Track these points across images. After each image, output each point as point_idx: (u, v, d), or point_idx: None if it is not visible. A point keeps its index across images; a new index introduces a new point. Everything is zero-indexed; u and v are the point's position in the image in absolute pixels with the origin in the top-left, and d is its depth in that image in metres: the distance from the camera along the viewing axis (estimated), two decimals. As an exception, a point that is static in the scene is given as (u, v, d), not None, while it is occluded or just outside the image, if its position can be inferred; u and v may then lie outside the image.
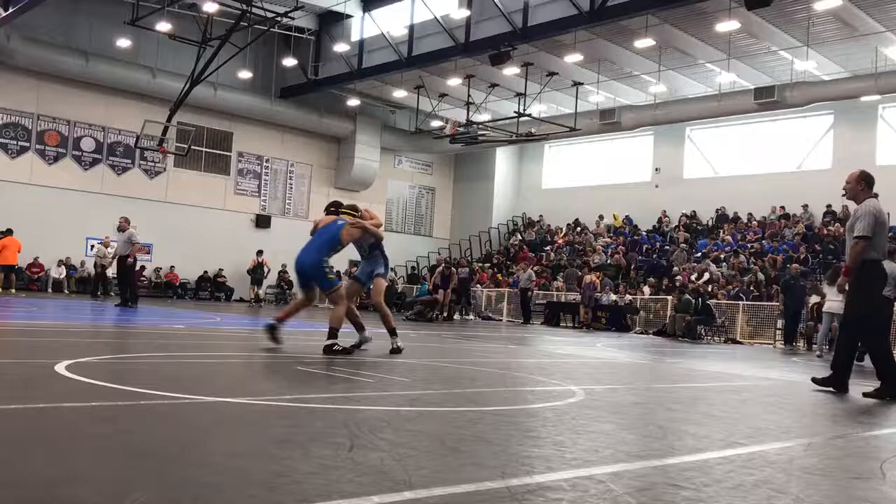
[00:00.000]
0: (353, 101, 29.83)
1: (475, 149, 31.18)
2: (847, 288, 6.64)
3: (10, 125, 24.60)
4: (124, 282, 16.42)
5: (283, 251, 29.03)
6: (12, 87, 24.28)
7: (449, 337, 12.58)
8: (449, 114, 27.71)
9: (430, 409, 4.33)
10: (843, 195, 7.03)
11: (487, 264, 30.55)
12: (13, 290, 20.06)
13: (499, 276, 28.59)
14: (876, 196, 6.75)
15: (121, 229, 16.52)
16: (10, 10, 20.60)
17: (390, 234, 32.70)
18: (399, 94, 28.25)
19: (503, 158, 34.50)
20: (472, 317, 24.18)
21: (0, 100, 24.30)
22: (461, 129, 26.24)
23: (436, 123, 28.09)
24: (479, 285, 27.02)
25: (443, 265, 22.22)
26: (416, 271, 32.28)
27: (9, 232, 20.42)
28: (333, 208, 8.21)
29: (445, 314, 21.38)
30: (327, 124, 30.71)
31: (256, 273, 26.27)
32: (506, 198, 34.75)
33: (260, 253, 26.54)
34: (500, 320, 24.66)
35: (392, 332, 8.00)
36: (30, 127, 24.97)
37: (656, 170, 29.95)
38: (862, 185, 6.72)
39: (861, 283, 6.52)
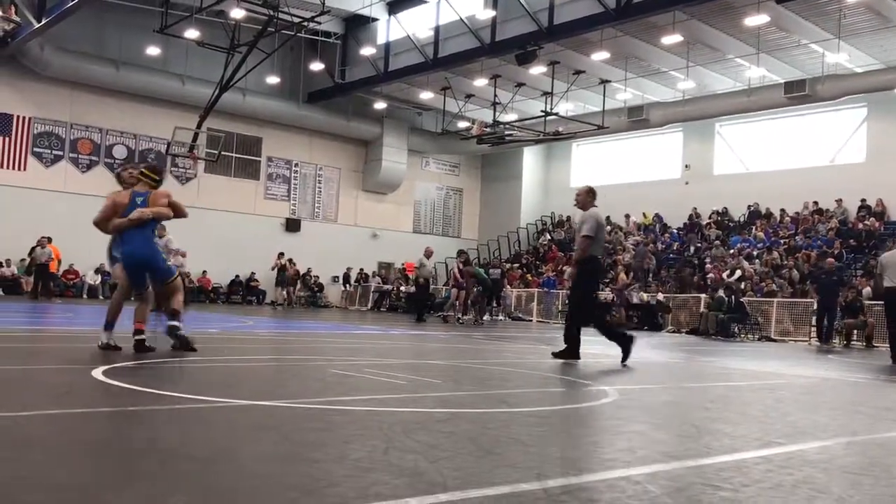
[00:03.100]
0: (380, 104, 29.92)
1: (502, 149, 31.12)
2: (573, 277, 8.32)
3: (45, 134, 25.03)
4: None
5: (313, 254, 29.28)
6: (46, 96, 24.71)
7: (479, 338, 12.57)
8: (475, 114, 27.70)
9: (464, 411, 4.33)
10: (575, 205, 8.49)
11: (516, 264, 30.48)
12: (50, 299, 20.36)
13: (528, 276, 28.51)
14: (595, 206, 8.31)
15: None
16: (44, 21, 20.98)
17: (419, 236, 32.81)
18: (425, 95, 28.31)
19: (531, 158, 34.40)
20: (501, 317, 24.12)
21: (34, 109, 24.74)
22: (488, 130, 26.22)
23: (462, 124, 28.10)
24: (508, 286, 26.96)
25: (456, 262, 20.66)
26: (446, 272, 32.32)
27: (48, 240, 20.75)
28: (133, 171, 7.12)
29: (461, 316, 19.37)
30: (355, 127, 30.86)
31: (281, 275, 26.53)
32: (534, 197, 34.64)
33: (281, 255, 26.79)
34: (531, 320, 24.58)
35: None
36: (63, 136, 25.38)
37: (686, 166, 29.67)
38: (590, 196, 8.35)
39: (582, 273, 8.13)
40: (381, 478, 2.58)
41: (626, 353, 8.00)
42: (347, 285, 30.75)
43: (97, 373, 4.99)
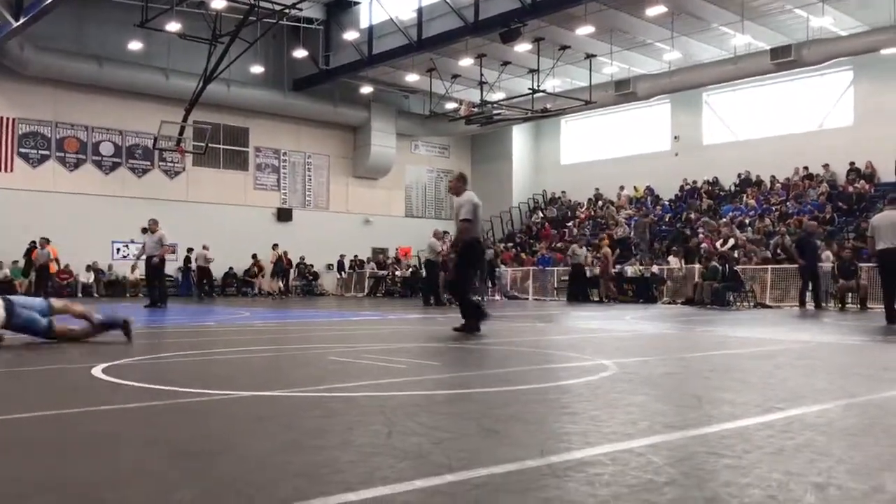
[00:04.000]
0: (366, 89, 29.80)
1: (491, 129, 31.07)
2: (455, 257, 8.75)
3: (30, 134, 24.87)
4: (153, 283, 16.57)
5: (305, 243, 29.25)
6: (29, 96, 24.53)
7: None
8: (462, 95, 27.63)
9: (465, 392, 4.35)
10: (449, 191, 9.43)
11: (511, 244, 30.50)
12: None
13: (522, 254, 28.54)
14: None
15: (151, 231, 16.65)
16: (22, 20, 20.78)
17: (411, 220, 32.82)
18: (411, 78, 28.19)
19: (520, 136, 34.35)
20: (497, 297, 24.17)
21: (19, 110, 24.57)
22: (476, 110, 26.16)
23: (450, 106, 28.03)
24: (503, 265, 26.98)
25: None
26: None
27: (46, 241, 20.69)
28: None
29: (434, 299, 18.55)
30: (342, 114, 30.74)
31: (277, 266, 26.68)
32: (525, 176, 34.63)
33: (276, 247, 26.88)
34: (527, 299, 24.64)
35: None
36: (49, 135, 25.23)
37: (675, 138, 29.69)
38: (461, 182, 8.87)
39: (463, 254, 8.51)
40: (386, 462, 2.59)
41: (470, 327, 8.30)
42: (342, 272, 30.75)
43: (96, 370, 4.99)
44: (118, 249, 26.19)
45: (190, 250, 25.38)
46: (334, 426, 3.29)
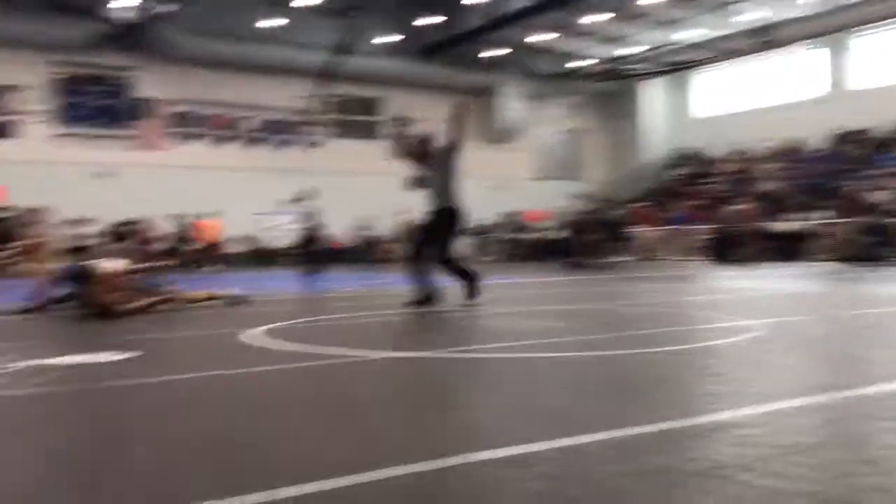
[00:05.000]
0: (495, 52, 29.64)
1: (623, 85, 30.24)
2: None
3: (181, 114, 26.37)
4: (307, 251, 17.28)
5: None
6: (177, 78, 25.94)
7: (611, 280, 12.44)
8: (593, 51, 26.98)
9: (605, 354, 4.34)
10: (413, 157, 8.30)
11: (643, 203, 29.74)
12: (215, 267, 21.80)
13: (656, 214, 27.78)
14: None
15: (301, 200, 17.38)
16: (169, 5, 21.93)
17: (542, 183, 32.59)
18: (541, 37, 27.71)
19: (653, 92, 33.25)
20: (630, 258, 23.67)
21: (168, 91, 26.03)
22: (607, 66, 25.48)
23: (580, 63, 27.43)
24: (636, 225, 26.34)
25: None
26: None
27: (213, 215, 22.30)
28: None
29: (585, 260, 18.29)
30: (471, 78, 30.73)
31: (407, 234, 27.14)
32: (659, 132, 33.56)
33: (403, 214, 27.30)
34: (663, 259, 24.03)
35: None
36: (198, 114, 26.66)
37: (819, 85, 27.86)
38: (426, 144, 8.15)
39: (440, 220, 7.79)
40: (528, 420, 2.65)
41: (470, 291, 7.69)
42: (473, 238, 30.97)
43: (253, 333, 5.31)
44: (262, 220, 27.45)
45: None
46: (477, 386, 3.38)
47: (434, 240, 7.76)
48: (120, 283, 7.19)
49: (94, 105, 24.86)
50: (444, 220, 7.74)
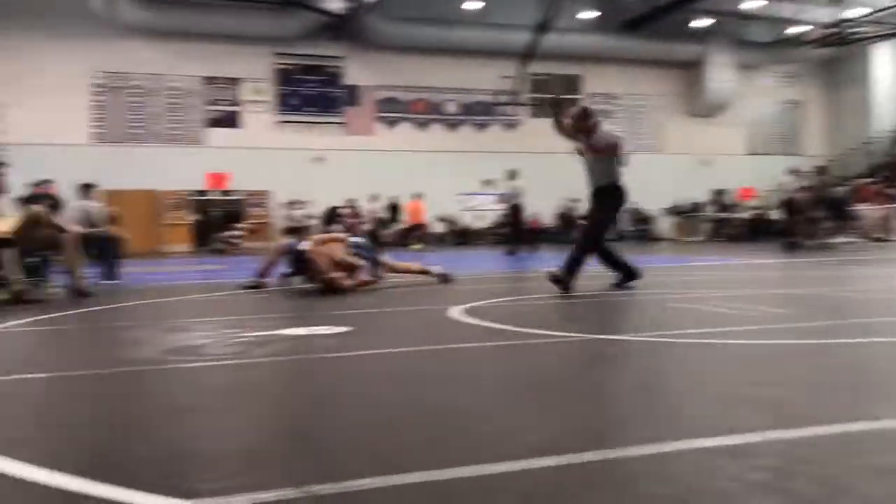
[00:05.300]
0: (702, 22, 28.27)
1: (846, 51, 27.75)
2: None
3: (386, 100, 27.50)
4: (513, 229, 17.59)
5: (639, 187, 28.79)
6: (384, 65, 27.05)
7: (833, 263, 11.53)
8: (811, 15, 24.96)
9: (825, 342, 4.03)
10: (578, 131, 7.41)
11: (872, 179, 27.21)
12: (419, 246, 22.76)
13: (887, 190, 25.32)
14: None
15: (510, 180, 17.69)
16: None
17: (755, 158, 30.79)
18: (753, 3, 26.06)
19: (885, 56, 30.25)
20: (854, 239, 21.78)
21: (376, 78, 27.22)
22: (828, 31, 23.49)
23: (797, 29, 25.49)
24: (864, 203, 24.17)
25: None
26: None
27: (417, 196, 23.30)
28: None
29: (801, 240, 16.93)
30: (676, 50, 29.53)
31: None
32: (891, 101, 30.51)
33: None
34: (893, 242, 21.91)
35: None
36: (402, 99, 27.68)
37: None
38: (587, 118, 7.35)
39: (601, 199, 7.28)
40: (743, 411, 2.53)
41: (565, 282, 6.91)
42: (678, 216, 29.89)
43: (455, 311, 5.47)
44: (464, 201, 28.08)
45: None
46: (687, 372, 3.28)
47: (601, 220, 7.36)
48: (340, 259, 7.58)
49: (309, 93, 26.51)
50: (608, 199, 7.32)
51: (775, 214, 22.67)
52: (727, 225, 27.63)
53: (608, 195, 7.28)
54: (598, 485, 1.87)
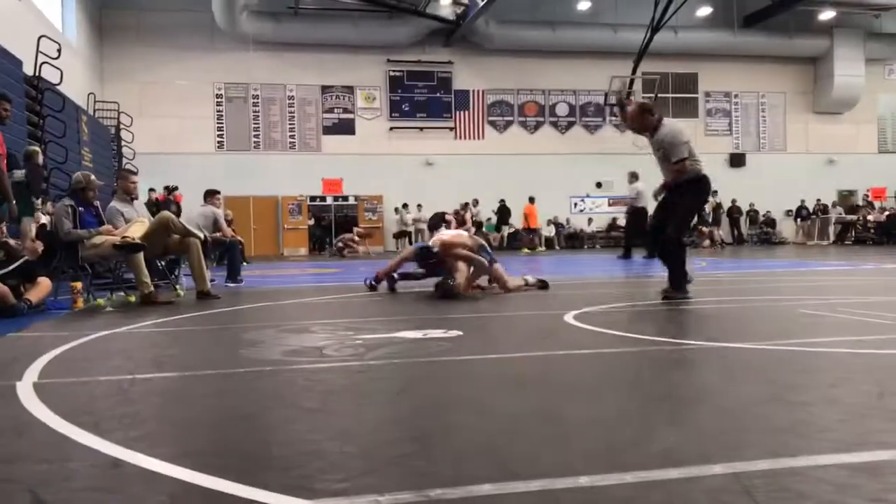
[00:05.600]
0: (827, 14, 26.95)
1: None
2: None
3: (497, 103, 27.54)
4: (628, 233, 17.19)
5: (760, 188, 27.76)
6: (494, 68, 27.10)
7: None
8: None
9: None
10: (634, 129, 7.34)
11: None
12: (541, 249, 22.79)
13: None
14: None
15: (630, 181, 17.36)
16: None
17: (886, 157, 29.11)
18: (883, -7, 24.68)
19: None
20: None
21: (486, 82, 27.31)
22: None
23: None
24: None
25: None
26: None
27: (531, 200, 23.37)
28: None
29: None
30: (798, 45, 28.27)
31: (715, 214, 25.55)
32: None
33: (714, 193, 25.81)
34: None
35: None
36: (512, 102, 27.65)
37: None
38: (647, 114, 6.97)
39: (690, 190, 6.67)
40: (878, 424, 2.38)
41: (678, 286, 6.51)
42: (800, 220, 28.56)
43: (568, 317, 5.41)
44: (575, 204, 27.78)
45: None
46: (816, 382, 3.12)
47: (685, 214, 6.81)
48: (466, 255, 7.48)
49: (420, 99, 26.86)
50: (691, 193, 6.72)
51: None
52: (856, 228, 26.20)
53: (690, 188, 6.68)
54: (724, 500, 1.79)
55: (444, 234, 8.05)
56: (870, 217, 25.81)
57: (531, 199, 24.02)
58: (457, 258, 7.40)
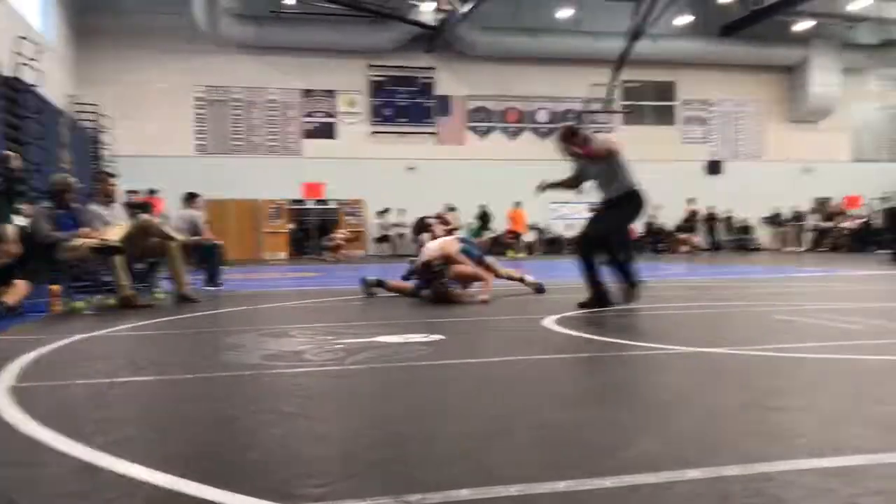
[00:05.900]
0: (803, 24, 27.27)
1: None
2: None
3: (478, 109, 27.60)
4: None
5: (736, 195, 28.01)
6: (476, 75, 27.14)
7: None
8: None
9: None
10: (567, 153, 7.29)
11: None
12: (517, 255, 22.77)
13: None
14: None
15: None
16: (469, 5, 23.01)
17: (861, 165, 29.47)
18: (857, 5, 24.98)
19: None
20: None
21: (467, 88, 27.33)
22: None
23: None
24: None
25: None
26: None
27: (517, 205, 23.38)
28: None
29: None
30: (776, 54, 28.58)
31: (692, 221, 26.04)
32: None
33: (691, 201, 26.43)
34: None
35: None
36: (493, 109, 27.72)
37: None
38: (572, 137, 7.12)
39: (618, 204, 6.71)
40: (854, 430, 2.42)
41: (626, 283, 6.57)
42: (778, 226, 28.84)
43: (548, 321, 5.43)
44: (554, 209, 27.86)
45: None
46: (792, 388, 3.16)
47: (614, 227, 6.91)
48: (460, 259, 7.57)
49: (402, 104, 26.87)
50: (625, 205, 6.73)
51: (882, 224, 21.64)
52: (830, 235, 26.51)
53: (625, 203, 6.71)
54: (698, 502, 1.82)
55: (434, 248, 7.87)
56: (844, 224, 26.11)
57: (517, 204, 23.98)
58: (465, 277, 7.51)
